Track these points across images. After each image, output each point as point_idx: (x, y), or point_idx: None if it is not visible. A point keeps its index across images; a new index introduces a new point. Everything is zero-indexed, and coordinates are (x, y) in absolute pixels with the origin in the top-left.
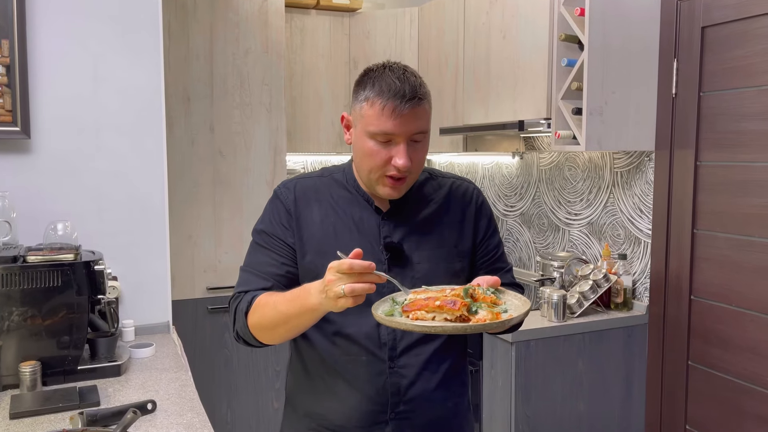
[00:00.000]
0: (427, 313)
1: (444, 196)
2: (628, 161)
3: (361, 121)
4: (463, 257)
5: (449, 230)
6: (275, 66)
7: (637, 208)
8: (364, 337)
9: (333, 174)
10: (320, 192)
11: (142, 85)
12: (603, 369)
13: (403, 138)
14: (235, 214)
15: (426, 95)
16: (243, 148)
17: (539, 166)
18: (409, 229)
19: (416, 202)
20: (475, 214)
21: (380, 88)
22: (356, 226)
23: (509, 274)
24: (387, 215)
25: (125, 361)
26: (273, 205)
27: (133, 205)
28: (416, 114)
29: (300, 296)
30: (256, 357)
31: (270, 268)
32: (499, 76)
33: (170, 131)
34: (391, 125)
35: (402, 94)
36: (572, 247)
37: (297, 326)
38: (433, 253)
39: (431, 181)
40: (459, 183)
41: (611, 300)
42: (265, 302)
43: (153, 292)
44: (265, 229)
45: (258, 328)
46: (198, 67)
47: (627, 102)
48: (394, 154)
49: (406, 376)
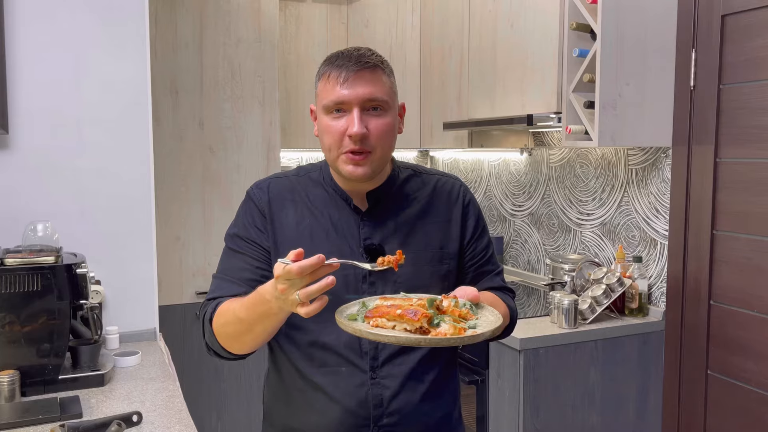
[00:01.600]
0: (388, 321)
1: (428, 194)
2: (643, 158)
3: (317, 100)
4: (450, 260)
5: (434, 231)
6: (268, 57)
7: (653, 208)
8: (343, 347)
9: (309, 173)
10: (295, 192)
11: (126, 77)
12: (617, 379)
13: (355, 104)
14: (225, 214)
15: (377, 62)
16: (234, 144)
17: (549, 163)
18: (391, 229)
19: (398, 201)
20: (462, 213)
21: (330, 60)
22: (334, 227)
23: (499, 277)
24: (366, 215)
25: (109, 370)
26: (246, 207)
27: (118, 204)
28: (366, 79)
29: (257, 303)
30: (247, 366)
31: (244, 273)
32: (506, 67)
33: (157, 126)
34: (338, 92)
35: (347, 59)
36: (584, 249)
37: (263, 332)
38: (417, 255)
39: (415, 177)
40: (445, 180)
41: (625, 305)
42: (225, 309)
43: (139, 297)
44: (239, 233)
45: (223, 337)
46: (186, 57)
47: (642, 95)
48: (348, 124)
49: (389, 387)
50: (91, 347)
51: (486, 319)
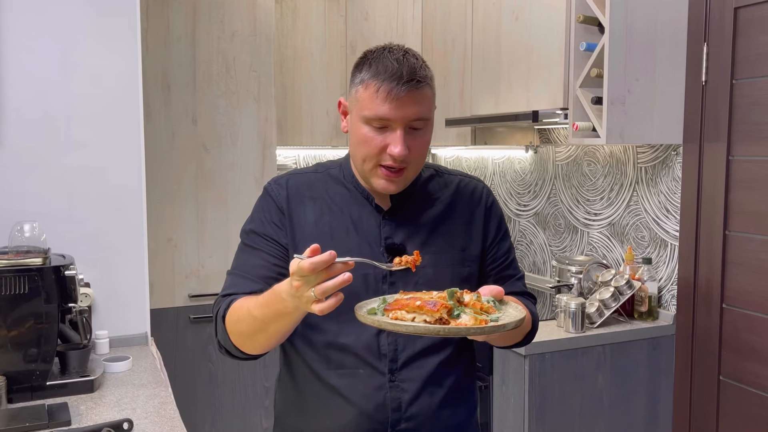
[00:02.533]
0: (407, 313)
1: (451, 195)
2: (653, 156)
3: (357, 106)
4: (472, 262)
5: (456, 232)
6: (264, 50)
7: (663, 208)
8: (362, 348)
9: (328, 169)
10: (315, 189)
11: (117, 72)
12: (625, 385)
13: (400, 124)
14: (220, 214)
15: (426, 78)
16: (229, 141)
17: (555, 161)
18: (413, 229)
19: (420, 201)
20: (485, 215)
21: (376, 69)
22: (354, 225)
23: (520, 282)
24: (388, 214)
25: (99, 375)
26: (263, 203)
27: (108, 204)
28: (415, 98)
29: (272, 301)
30: (243, 372)
31: (260, 270)
32: (510, 61)
33: (148, 122)
34: (386, 109)
35: (399, 76)
36: (591, 250)
37: (277, 332)
38: (439, 256)
39: (437, 178)
40: (467, 181)
41: (635, 309)
42: (239, 307)
43: (129, 300)
44: (256, 228)
45: (236, 335)
46: (179, 51)
47: (652, 90)
48: (390, 142)
49: (407, 390)
50: (80, 352)
51: (509, 314)
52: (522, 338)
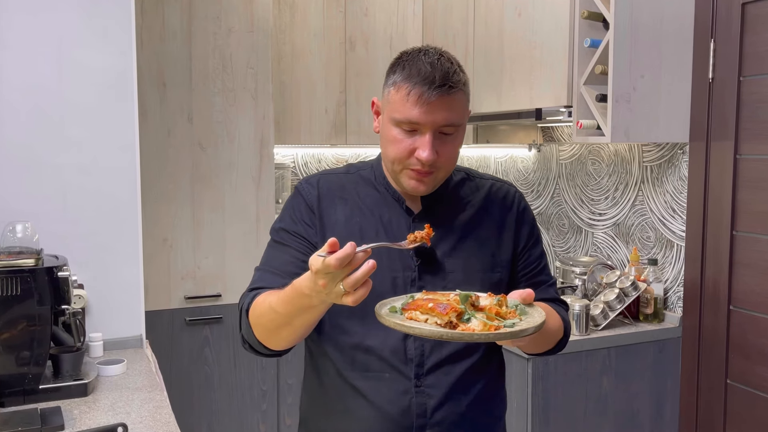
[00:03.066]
0: (421, 315)
1: (482, 199)
2: (659, 154)
3: (388, 107)
4: (502, 268)
5: (487, 237)
6: (262, 47)
7: (670, 208)
8: (388, 352)
9: (360, 170)
10: (346, 190)
11: (111, 69)
12: (631, 388)
13: (429, 128)
14: (216, 215)
15: (459, 84)
16: (225, 140)
17: (559, 159)
18: (443, 233)
19: (451, 205)
20: (517, 220)
21: (409, 72)
22: (384, 227)
23: (552, 288)
24: (419, 217)
25: (92, 379)
26: (294, 202)
27: (102, 203)
28: (446, 103)
29: (294, 297)
30: (240, 375)
31: (288, 267)
32: (513, 58)
33: (143, 121)
34: (416, 113)
35: (431, 80)
36: (596, 251)
37: (302, 325)
38: (469, 261)
39: (468, 182)
40: (499, 185)
41: (640, 311)
42: (261, 301)
43: (124, 302)
44: (286, 226)
45: (260, 329)
46: (174, 48)
47: (658, 88)
48: (419, 146)
49: (433, 396)
50: (73, 355)
51: (529, 320)
52: (553, 345)
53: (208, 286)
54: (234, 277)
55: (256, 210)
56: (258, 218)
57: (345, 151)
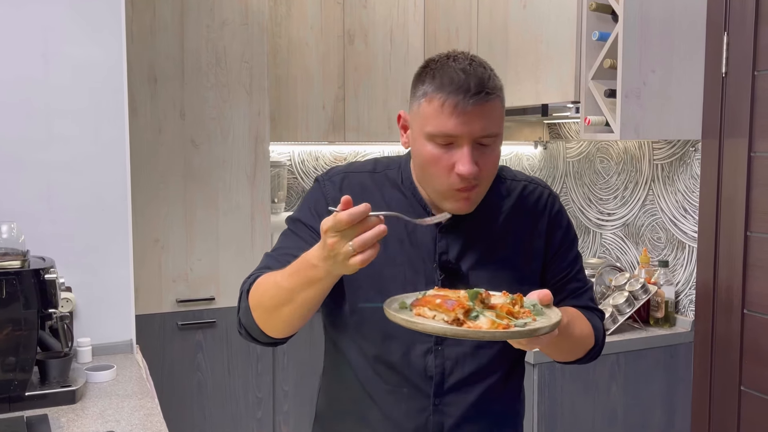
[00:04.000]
0: (429, 311)
1: (513, 204)
2: (670, 152)
3: (419, 121)
4: (533, 280)
5: (516, 248)
6: (257, 40)
7: (681, 207)
8: (408, 368)
9: (387, 169)
10: (369, 191)
11: (100, 63)
12: (641, 395)
13: (467, 140)
14: (209, 214)
15: (496, 90)
16: (219, 137)
17: (566, 157)
18: (469, 244)
19: (481, 212)
20: (549, 225)
21: (440, 81)
22: (408, 236)
23: (586, 295)
24: (445, 227)
25: (81, 386)
26: (314, 196)
27: (90, 203)
28: (483, 112)
29: (302, 267)
30: (234, 381)
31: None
32: (518, 52)
33: (133, 117)
34: (451, 125)
35: (466, 88)
36: (604, 252)
37: (304, 303)
38: (495, 275)
39: (500, 184)
40: (532, 187)
41: (650, 315)
42: (265, 280)
43: (113, 306)
44: (302, 218)
45: (260, 310)
46: (166, 41)
47: (669, 82)
48: (457, 160)
49: (451, 415)
50: (61, 361)
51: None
52: (583, 354)
53: (201, 288)
54: (228, 280)
55: (251, 209)
56: (253, 218)
57: (343, 148)
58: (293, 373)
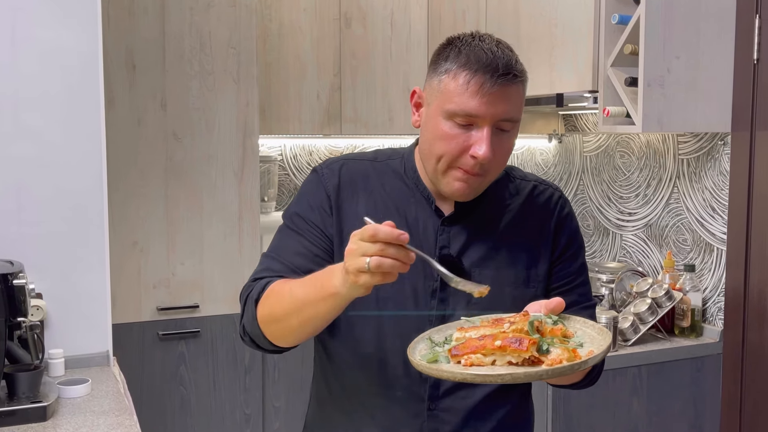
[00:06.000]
0: (485, 357)
1: (521, 203)
2: (696, 146)
3: (439, 98)
4: (537, 284)
5: (523, 248)
6: (245, 24)
7: (709, 206)
8: (402, 366)
9: (389, 159)
10: (370, 180)
11: (73, 48)
12: (665, 411)
13: (488, 122)
14: (193, 214)
15: (523, 74)
16: (204, 130)
17: (583, 152)
18: (473, 239)
19: (487, 208)
20: (556, 227)
21: (467, 58)
22: (409, 228)
23: (587, 312)
24: (448, 220)
25: (52, 401)
26: (312, 187)
27: (63, 202)
28: (508, 94)
29: (320, 277)
30: (220, 396)
31: (298, 259)
32: (530, 36)
33: (110, 107)
34: (475, 104)
35: (494, 67)
36: (625, 255)
37: (312, 317)
38: (499, 273)
39: (508, 182)
40: (542, 188)
41: (675, 324)
42: (279, 288)
43: (88, 314)
44: (302, 212)
45: (267, 319)
46: (146, 25)
47: (695, 70)
48: (474, 142)
49: (448, 422)
50: (30, 374)
51: (584, 334)
52: (581, 378)
53: (184, 295)
54: (213, 286)
55: (239, 209)
56: (241, 218)
57: (339, 141)
58: (284, 388)
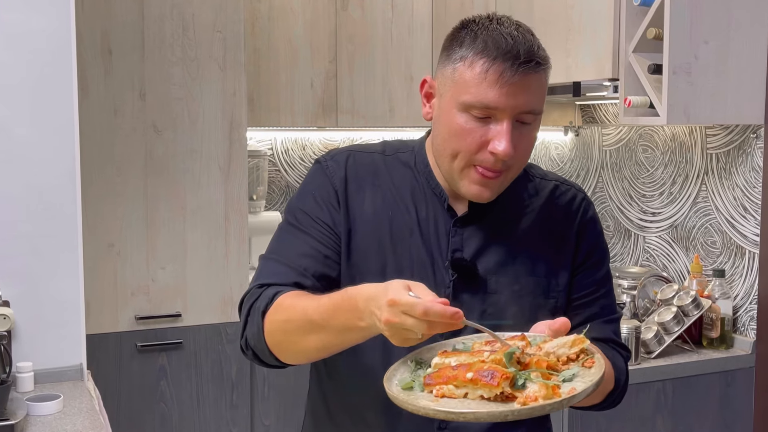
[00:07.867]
0: (457, 389)
1: (542, 204)
2: (726, 139)
3: (453, 88)
4: (559, 293)
5: (543, 253)
6: (231, 6)
7: (740, 206)
8: None
9: (398, 152)
10: (379, 174)
11: (43, 31)
12: (692, 430)
13: (508, 114)
14: (175, 214)
15: (546, 61)
16: (186, 121)
17: (602, 145)
18: (488, 243)
19: (504, 209)
20: (578, 231)
21: (485, 44)
22: (419, 227)
23: (610, 327)
24: (462, 220)
25: (21, 419)
26: (317, 180)
27: (32, 202)
28: (530, 84)
29: (342, 308)
30: (204, 414)
31: (305, 260)
32: (545, 20)
33: (83, 97)
34: (494, 95)
35: (515, 54)
36: (648, 259)
37: (336, 345)
38: (517, 281)
39: (527, 181)
40: (564, 189)
41: (703, 334)
42: (291, 304)
43: (60, 324)
44: (307, 209)
45: (278, 338)
46: (123, 6)
47: (725, 56)
48: (493, 137)
49: None
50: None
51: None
52: (601, 399)
53: (165, 303)
54: (197, 293)
55: (225, 208)
56: (227, 218)
57: (335, 134)
58: (275, 405)
